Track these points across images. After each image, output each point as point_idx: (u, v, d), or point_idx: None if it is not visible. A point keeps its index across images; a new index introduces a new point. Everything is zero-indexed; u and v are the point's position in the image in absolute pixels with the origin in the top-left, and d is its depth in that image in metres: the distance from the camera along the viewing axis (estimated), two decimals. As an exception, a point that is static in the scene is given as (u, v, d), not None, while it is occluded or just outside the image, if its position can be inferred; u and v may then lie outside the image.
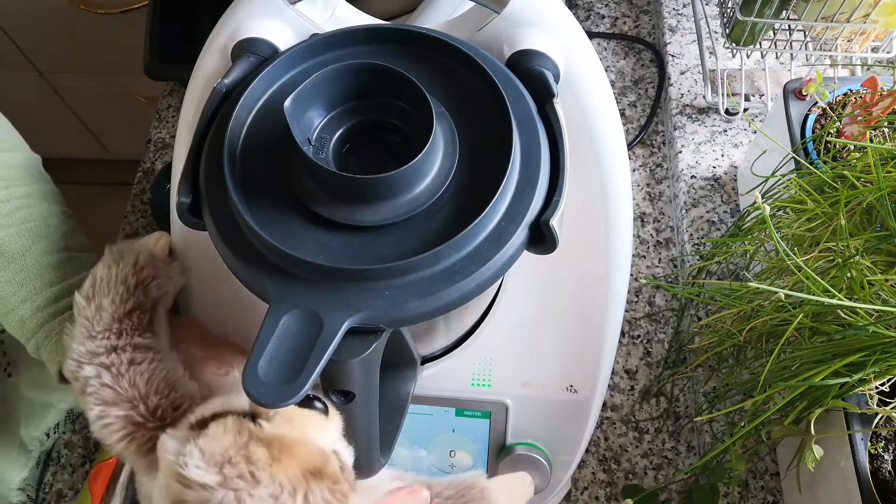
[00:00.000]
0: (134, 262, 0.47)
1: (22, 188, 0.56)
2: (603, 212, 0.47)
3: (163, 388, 0.44)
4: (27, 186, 0.57)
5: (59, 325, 0.52)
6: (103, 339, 0.45)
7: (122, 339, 0.45)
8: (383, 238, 0.35)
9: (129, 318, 0.46)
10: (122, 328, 0.45)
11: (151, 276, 0.48)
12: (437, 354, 0.55)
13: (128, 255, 0.48)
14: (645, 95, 0.89)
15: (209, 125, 0.39)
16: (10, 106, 0.70)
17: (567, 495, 0.67)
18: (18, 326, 0.53)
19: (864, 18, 0.69)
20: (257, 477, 0.35)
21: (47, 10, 1.38)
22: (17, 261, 0.53)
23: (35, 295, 0.53)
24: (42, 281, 0.53)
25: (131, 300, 0.46)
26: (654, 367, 0.73)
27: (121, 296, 0.46)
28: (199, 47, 0.46)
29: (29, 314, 0.53)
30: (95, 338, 0.45)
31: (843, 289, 0.48)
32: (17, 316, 0.53)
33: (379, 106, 0.37)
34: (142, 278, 0.47)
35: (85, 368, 0.44)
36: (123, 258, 0.48)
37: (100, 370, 0.44)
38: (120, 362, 0.44)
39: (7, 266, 0.53)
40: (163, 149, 0.90)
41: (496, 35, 0.42)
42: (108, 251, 0.48)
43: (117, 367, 0.44)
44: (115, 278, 0.46)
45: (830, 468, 0.53)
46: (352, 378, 0.35)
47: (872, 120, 0.59)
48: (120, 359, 0.44)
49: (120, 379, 0.43)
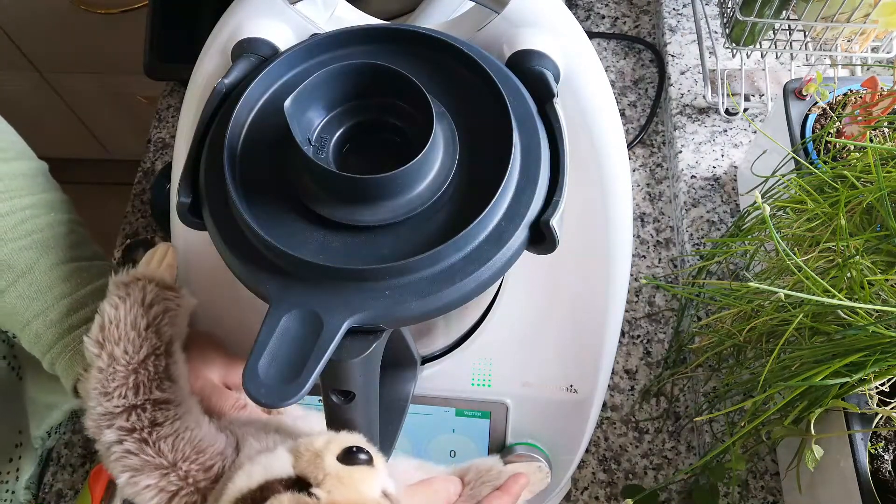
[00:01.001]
0: (142, 300, 0.45)
1: (27, 199, 0.55)
2: (603, 212, 0.47)
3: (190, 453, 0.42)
4: (32, 196, 0.56)
5: (73, 342, 0.51)
6: (120, 399, 0.42)
7: (139, 395, 0.43)
8: (383, 238, 0.35)
9: (145, 366, 0.43)
10: (139, 381, 0.43)
11: (162, 312, 0.45)
12: (437, 354, 0.55)
13: (134, 291, 0.45)
14: (645, 95, 0.89)
15: (209, 125, 0.39)
16: (11, 106, 0.70)
17: (567, 495, 0.67)
18: (34, 342, 0.52)
19: (864, 18, 0.69)
20: None
21: (47, 10, 1.38)
22: (26, 275, 0.52)
23: (48, 309, 0.52)
24: (53, 294, 0.52)
25: (145, 346, 0.44)
26: (654, 367, 0.73)
27: (132, 342, 0.43)
28: (199, 47, 0.46)
29: (43, 329, 0.52)
30: (112, 396, 0.42)
31: (843, 289, 0.48)
32: (32, 331, 0.52)
33: (379, 106, 0.37)
34: (152, 318, 0.45)
35: (105, 433, 0.42)
36: (130, 295, 0.45)
37: (121, 436, 0.42)
38: (142, 426, 0.42)
39: (17, 281, 0.52)
40: (163, 149, 0.90)
41: (496, 35, 0.42)
42: (114, 285, 0.45)
43: (139, 431, 0.42)
44: (124, 321, 0.44)
45: (830, 468, 0.53)
46: (352, 378, 0.35)
47: (872, 120, 0.59)
48: (141, 421, 0.42)
49: (144, 446, 0.42)
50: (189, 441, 0.43)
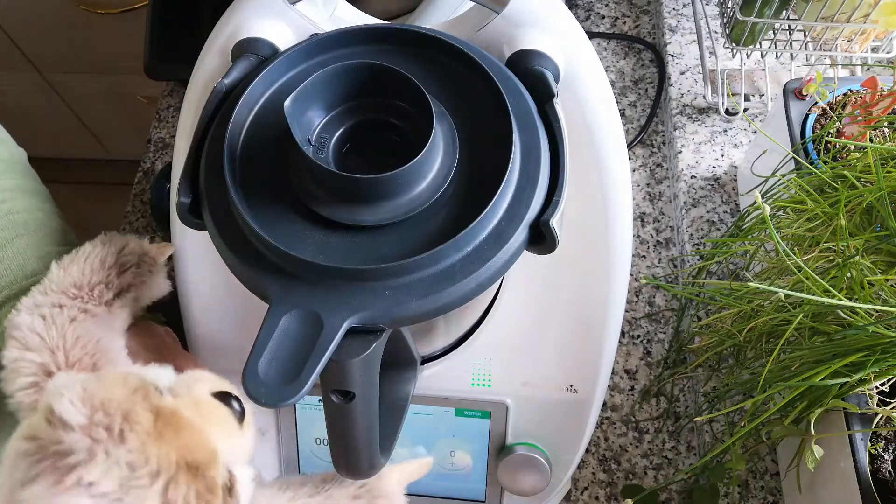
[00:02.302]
0: (120, 248, 0.47)
1: (8, 181, 0.55)
2: (603, 212, 0.47)
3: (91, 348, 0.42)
4: (12, 180, 0.56)
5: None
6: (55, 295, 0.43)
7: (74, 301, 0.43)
8: (383, 238, 0.35)
9: (91, 289, 0.44)
10: (79, 294, 0.43)
11: (132, 263, 0.47)
12: (437, 354, 0.55)
13: (117, 241, 0.47)
14: (645, 95, 0.89)
15: (209, 125, 0.39)
16: (11, 106, 0.70)
17: (567, 495, 0.67)
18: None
19: (864, 18, 0.69)
20: (125, 437, 0.31)
21: (47, 10, 1.38)
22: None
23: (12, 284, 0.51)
24: (23, 273, 0.51)
25: (100, 273, 0.45)
26: (654, 367, 0.73)
27: (92, 268, 0.45)
28: (199, 47, 0.46)
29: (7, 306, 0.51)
30: (47, 294, 0.43)
31: (843, 289, 0.48)
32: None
33: (379, 106, 0.37)
34: (120, 261, 0.46)
35: (22, 315, 0.42)
36: (112, 242, 0.47)
37: (35, 318, 0.42)
38: (61, 315, 0.42)
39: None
40: (163, 149, 0.90)
41: (496, 35, 0.42)
42: (102, 234, 0.47)
43: (54, 318, 0.42)
44: (94, 255, 0.45)
45: (830, 468, 0.53)
46: (352, 378, 0.35)
47: (872, 120, 0.59)
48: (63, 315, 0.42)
49: (51, 328, 0.41)
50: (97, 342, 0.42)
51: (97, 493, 0.30)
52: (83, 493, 0.30)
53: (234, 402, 0.37)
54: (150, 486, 0.31)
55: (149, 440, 0.31)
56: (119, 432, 0.31)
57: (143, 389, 0.33)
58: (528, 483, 0.57)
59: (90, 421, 0.31)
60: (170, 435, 0.32)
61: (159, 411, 0.33)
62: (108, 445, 0.31)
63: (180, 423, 0.33)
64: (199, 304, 0.53)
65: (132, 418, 0.32)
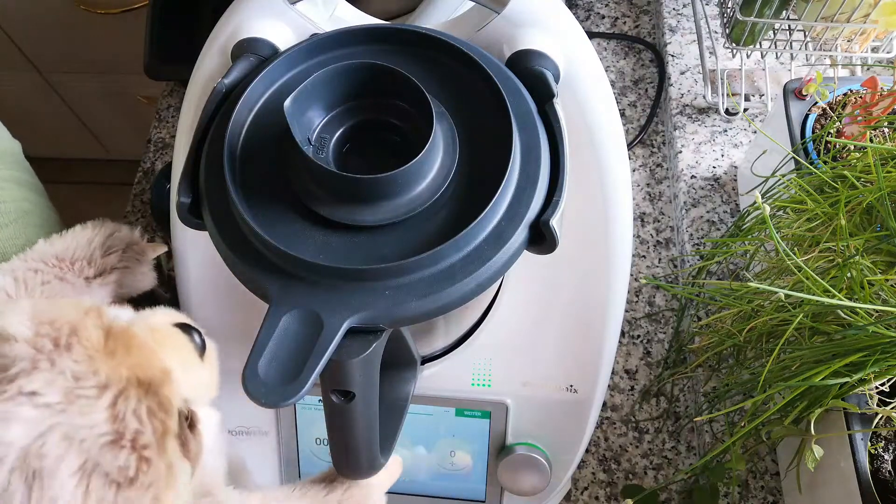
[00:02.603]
0: (110, 233, 0.47)
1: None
2: (603, 212, 0.47)
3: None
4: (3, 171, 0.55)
5: None
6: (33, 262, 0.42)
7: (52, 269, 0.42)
8: (383, 238, 0.35)
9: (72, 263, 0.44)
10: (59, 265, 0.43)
11: (118, 248, 0.47)
12: (437, 354, 0.55)
13: (109, 226, 0.47)
14: (645, 95, 0.89)
15: (209, 125, 0.39)
16: (11, 106, 0.70)
17: (567, 495, 0.67)
18: None
19: (864, 18, 0.69)
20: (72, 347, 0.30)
21: (47, 10, 1.38)
22: None
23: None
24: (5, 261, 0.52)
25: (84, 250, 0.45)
26: (654, 367, 0.73)
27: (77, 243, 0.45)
28: (199, 47, 0.46)
29: None
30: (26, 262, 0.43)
31: (843, 289, 0.48)
32: None
33: (379, 106, 0.37)
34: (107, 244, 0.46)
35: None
36: (104, 226, 0.47)
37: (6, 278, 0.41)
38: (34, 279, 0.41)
39: None
40: (163, 149, 0.90)
41: (496, 35, 0.42)
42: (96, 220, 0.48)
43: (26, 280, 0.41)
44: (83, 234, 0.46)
45: (830, 468, 0.53)
46: (352, 378, 0.35)
47: (872, 120, 0.59)
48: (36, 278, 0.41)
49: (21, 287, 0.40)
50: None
51: (41, 404, 0.29)
52: (26, 403, 0.28)
53: (194, 334, 0.36)
54: (98, 399, 0.29)
55: (97, 355, 0.30)
56: (66, 344, 0.30)
57: (95, 311, 0.32)
58: (528, 483, 0.57)
59: (35, 333, 0.30)
60: (121, 352, 0.31)
61: (110, 329, 0.32)
62: (53, 356, 0.30)
63: (132, 341, 0.32)
64: (199, 305, 0.53)
65: (81, 333, 0.30)
